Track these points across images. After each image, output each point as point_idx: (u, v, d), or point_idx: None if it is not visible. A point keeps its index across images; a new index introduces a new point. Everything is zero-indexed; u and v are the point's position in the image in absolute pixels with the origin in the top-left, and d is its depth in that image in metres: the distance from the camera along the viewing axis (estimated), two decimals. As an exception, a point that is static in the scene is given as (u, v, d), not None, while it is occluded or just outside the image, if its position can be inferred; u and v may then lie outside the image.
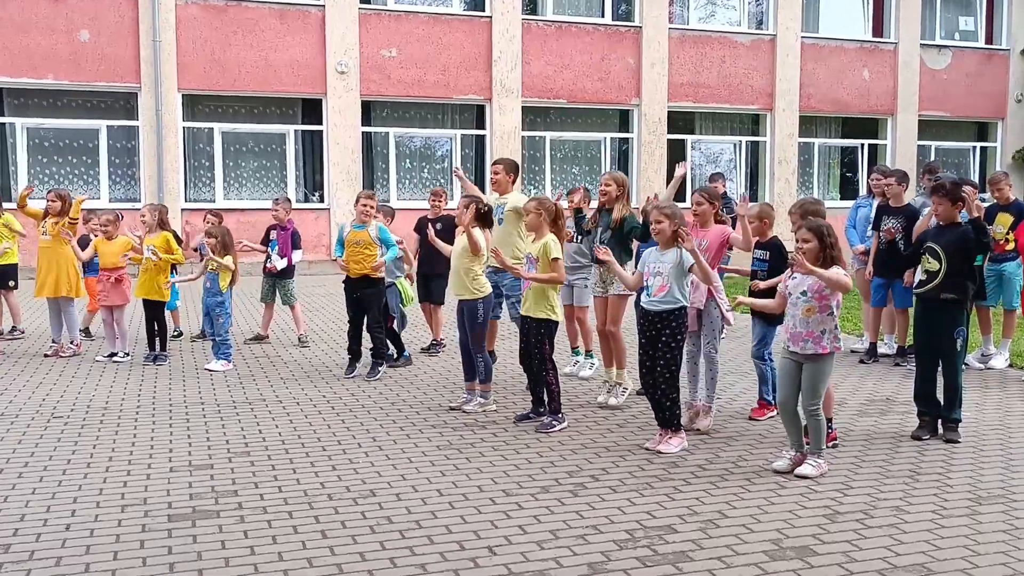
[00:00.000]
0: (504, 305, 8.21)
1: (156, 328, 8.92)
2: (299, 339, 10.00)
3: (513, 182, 8.12)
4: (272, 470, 5.47)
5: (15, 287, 10.08)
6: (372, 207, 8.34)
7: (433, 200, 9.52)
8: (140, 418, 6.74)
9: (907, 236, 8.26)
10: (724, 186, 12.35)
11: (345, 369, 8.35)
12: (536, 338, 6.49)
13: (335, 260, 8.60)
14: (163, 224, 9.06)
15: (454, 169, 9.62)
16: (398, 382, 8.08)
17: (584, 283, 7.98)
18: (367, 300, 8.29)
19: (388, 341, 8.62)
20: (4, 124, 16.58)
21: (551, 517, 4.69)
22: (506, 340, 9.75)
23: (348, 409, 7.06)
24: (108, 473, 5.39)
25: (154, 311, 8.94)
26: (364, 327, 8.36)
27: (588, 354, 8.37)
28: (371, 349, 8.34)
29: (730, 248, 6.82)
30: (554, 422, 6.47)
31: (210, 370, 8.47)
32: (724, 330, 6.64)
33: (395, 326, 8.93)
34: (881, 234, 8.73)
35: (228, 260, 8.61)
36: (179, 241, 9.59)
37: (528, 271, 6.51)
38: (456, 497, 4.98)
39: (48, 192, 9.58)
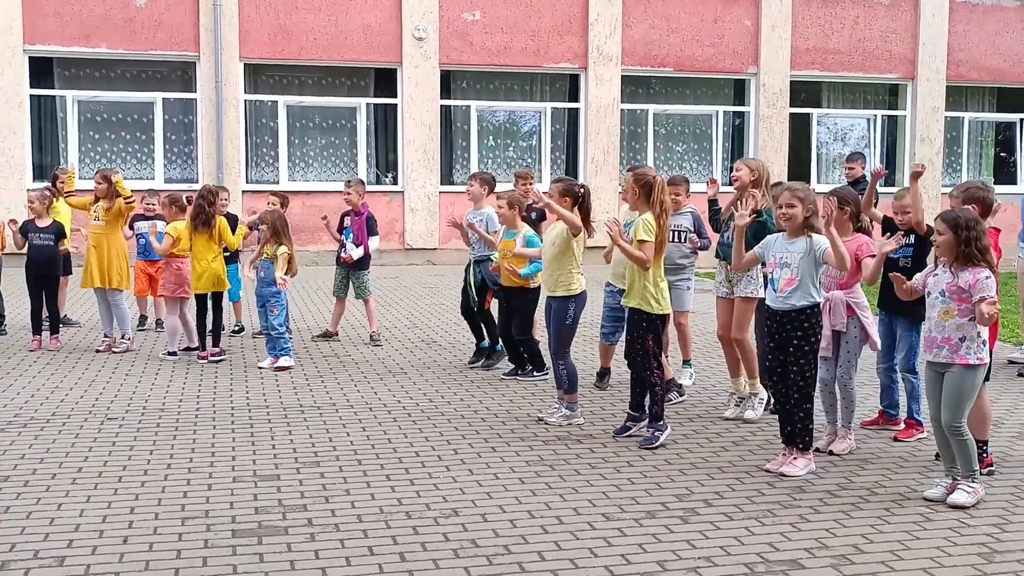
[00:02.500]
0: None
1: (212, 322, 9.18)
2: (371, 337, 10.15)
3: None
4: (344, 483, 5.56)
5: (70, 273, 10.50)
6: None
7: (520, 183, 9.53)
8: (200, 422, 6.93)
9: None
10: (863, 168, 11.92)
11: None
12: (639, 331, 6.46)
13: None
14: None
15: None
16: (481, 387, 8.14)
17: (686, 285, 7.98)
18: (515, 306, 8.31)
19: (485, 334, 8.87)
20: (54, 97, 17.21)
21: (658, 546, 4.66)
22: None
23: (426, 417, 7.14)
24: (167, 482, 5.56)
25: (214, 302, 9.22)
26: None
27: (686, 363, 8.34)
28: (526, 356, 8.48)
29: None
30: (657, 432, 6.45)
31: (263, 368, 8.66)
32: (861, 353, 6.47)
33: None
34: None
35: (282, 251, 8.76)
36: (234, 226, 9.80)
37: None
38: (549, 520, 4.99)
39: (95, 173, 9.94)
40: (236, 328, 10.41)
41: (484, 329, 8.97)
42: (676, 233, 7.81)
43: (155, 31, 16.98)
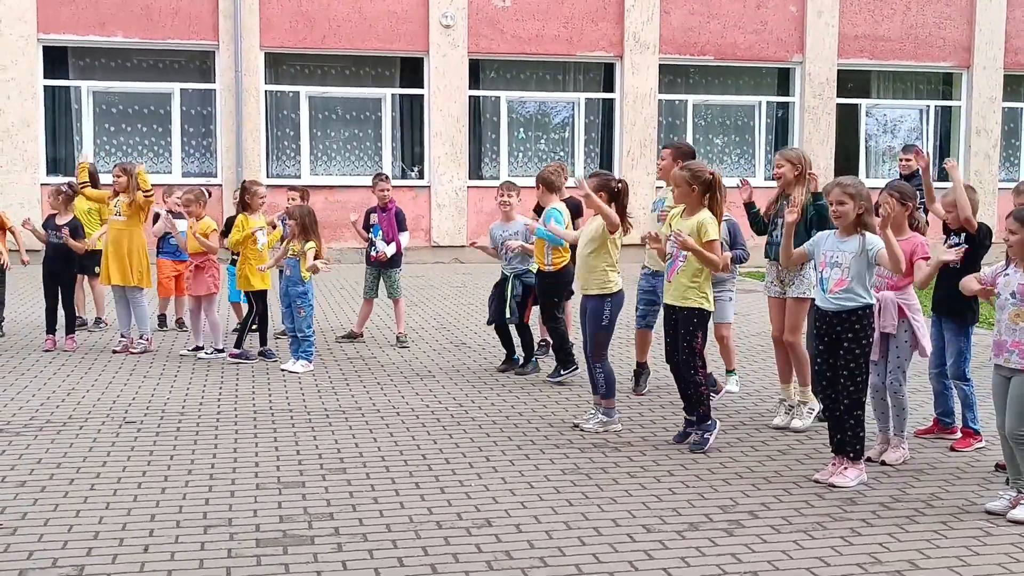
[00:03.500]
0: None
1: (250, 321, 9.29)
2: (397, 339, 10.19)
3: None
4: (372, 491, 5.59)
5: (98, 274, 10.59)
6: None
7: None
8: (221, 426, 6.99)
9: None
10: (924, 160, 11.67)
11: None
12: (685, 330, 6.46)
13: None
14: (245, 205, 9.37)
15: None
16: (513, 391, 8.15)
17: (728, 296, 7.96)
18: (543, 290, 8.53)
19: (517, 347, 8.94)
20: (68, 88, 17.40)
21: (702, 560, 4.65)
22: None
23: (456, 422, 7.16)
24: (188, 488, 5.61)
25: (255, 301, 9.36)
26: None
27: (730, 372, 8.33)
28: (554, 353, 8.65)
29: None
30: (706, 435, 6.48)
31: (288, 371, 8.72)
32: (912, 358, 6.42)
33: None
34: None
35: (310, 247, 8.82)
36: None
37: (676, 253, 6.48)
38: (587, 531, 5.00)
39: (114, 167, 10.00)
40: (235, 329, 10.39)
41: (521, 343, 8.99)
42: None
43: (173, 19, 17.12)
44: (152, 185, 9.84)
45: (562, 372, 8.44)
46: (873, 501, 5.53)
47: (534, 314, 9.07)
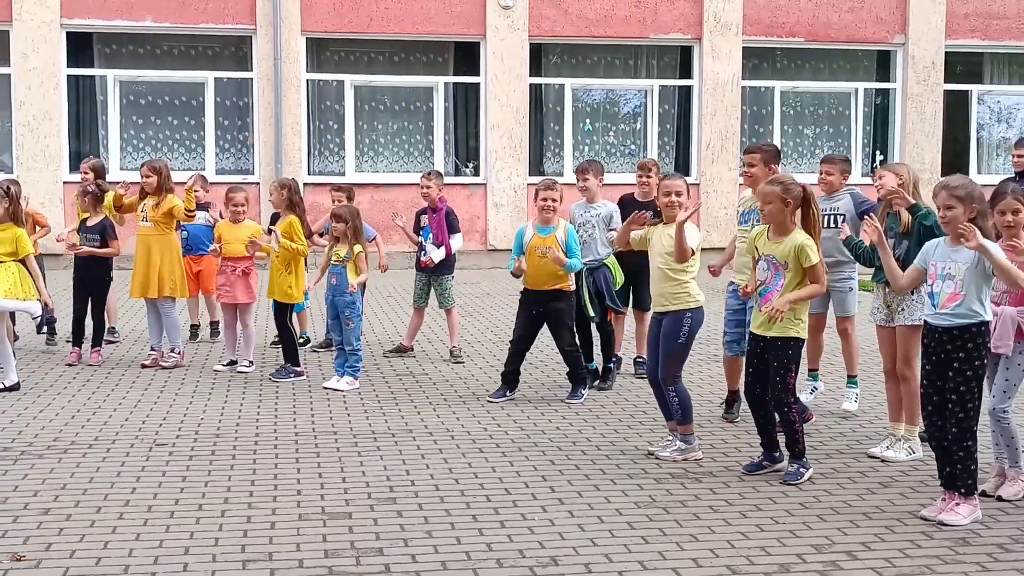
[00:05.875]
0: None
1: (283, 336, 9.39)
2: (451, 353, 10.24)
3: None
4: (425, 523, 5.62)
5: (111, 279, 10.73)
6: (556, 200, 8.45)
7: (641, 175, 9.44)
8: (260, 450, 7.07)
9: None
10: None
11: (493, 392, 8.68)
12: (779, 362, 6.43)
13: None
14: (292, 205, 9.44)
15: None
16: (581, 414, 8.15)
17: (849, 286, 7.96)
18: (553, 317, 8.49)
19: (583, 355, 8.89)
20: (94, 77, 17.74)
21: (794, 606, 4.61)
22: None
23: (517, 447, 7.17)
24: (224, 519, 5.68)
25: (280, 315, 9.40)
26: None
27: (851, 380, 8.23)
28: (568, 373, 8.68)
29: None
30: (802, 469, 6.46)
31: (332, 389, 8.80)
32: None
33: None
34: None
35: (359, 251, 8.89)
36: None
37: (772, 277, 6.47)
38: (664, 572, 4.99)
39: (141, 166, 10.09)
40: (300, 340, 10.48)
41: (601, 346, 9.06)
42: (831, 218, 7.71)
43: (206, 2, 17.38)
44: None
45: (581, 391, 8.65)
46: (989, 542, 5.44)
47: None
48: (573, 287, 8.55)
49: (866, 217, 6.63)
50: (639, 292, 9.29)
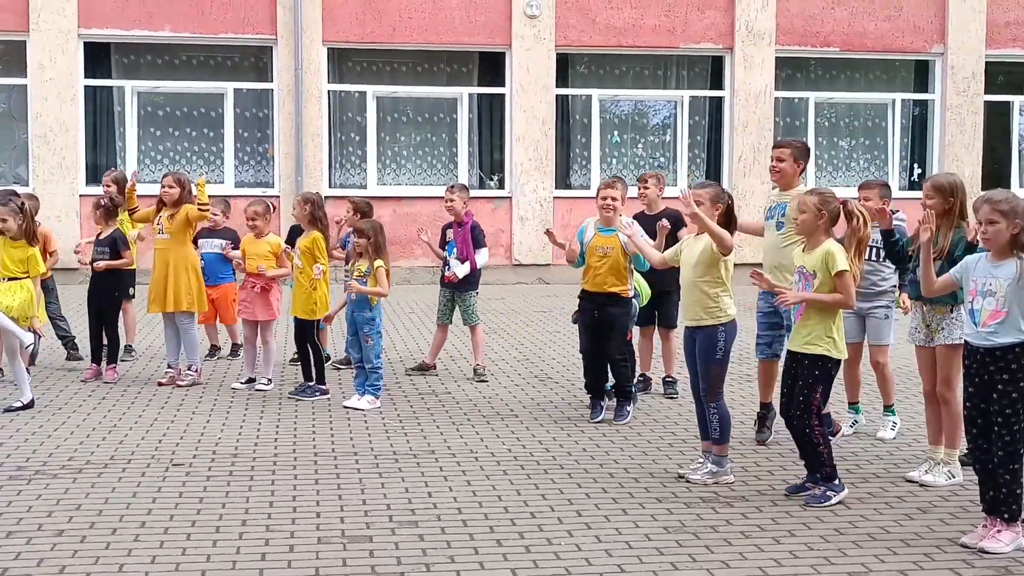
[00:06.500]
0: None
1: (306, 354, 9.41)
2: (475, 371, 10.24)
3: (802, 171, 8.00)
4: (447, 547, 5.61)
5: (133, 296, 10.83)
6: (616, 199, 8.43)
7: (639, 187, 9.56)
8: (279, 470, 7.08)
9: None
10: None
11: (590, 413, 8.66)
12: (803, 380, 6.42)
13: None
14: (315, 220, 9.47)
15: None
16: (608, 435, 8.13)
17: (884, 313, 7.91)
18: (607, 322, 8.45)
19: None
20: (111, 87, 17.89)
21: (830, 636, 4.58)
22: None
23: (542, 469, 7.15)
24: (242, 541, 5.69)
25: (302, 332, 9.43)
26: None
27: (888, 409, 8.20)
28: (614, 387, 8.64)
29: None
30: (829, 492, 6.42)
31: (352, 408, 8.82)
32: None
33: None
34: None
35: (379, 265, 8.91)
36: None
37: (801, 289, 6.46)
38: (695, 600, 4.96)
39: (164, 176, 10.13)
40: (293, 357, 10.49)
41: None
42: (873, 250, 7.67)
43: (226, 11, 17.50)
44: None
45: (627, 408, 8.64)
46: (1032, 570, 5.40)
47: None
48: (632, 293, 8.50)
49: (925, 212, 6.50)
50: (665, 310, 9.30)
